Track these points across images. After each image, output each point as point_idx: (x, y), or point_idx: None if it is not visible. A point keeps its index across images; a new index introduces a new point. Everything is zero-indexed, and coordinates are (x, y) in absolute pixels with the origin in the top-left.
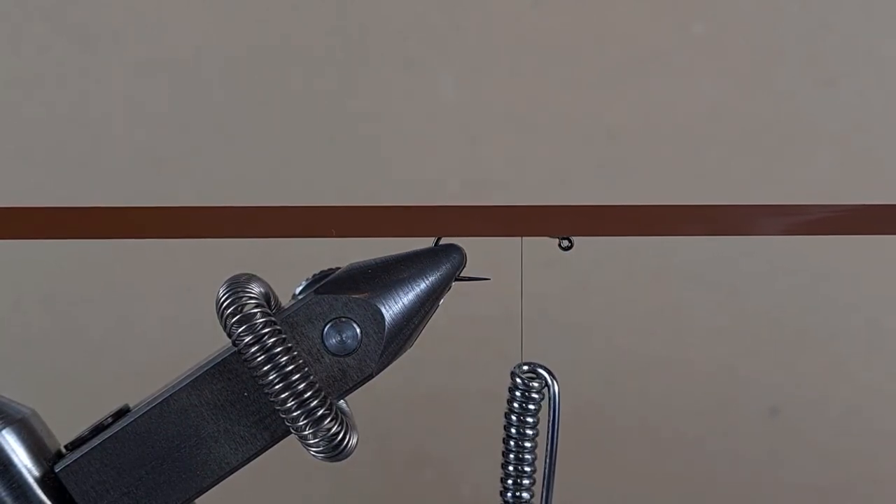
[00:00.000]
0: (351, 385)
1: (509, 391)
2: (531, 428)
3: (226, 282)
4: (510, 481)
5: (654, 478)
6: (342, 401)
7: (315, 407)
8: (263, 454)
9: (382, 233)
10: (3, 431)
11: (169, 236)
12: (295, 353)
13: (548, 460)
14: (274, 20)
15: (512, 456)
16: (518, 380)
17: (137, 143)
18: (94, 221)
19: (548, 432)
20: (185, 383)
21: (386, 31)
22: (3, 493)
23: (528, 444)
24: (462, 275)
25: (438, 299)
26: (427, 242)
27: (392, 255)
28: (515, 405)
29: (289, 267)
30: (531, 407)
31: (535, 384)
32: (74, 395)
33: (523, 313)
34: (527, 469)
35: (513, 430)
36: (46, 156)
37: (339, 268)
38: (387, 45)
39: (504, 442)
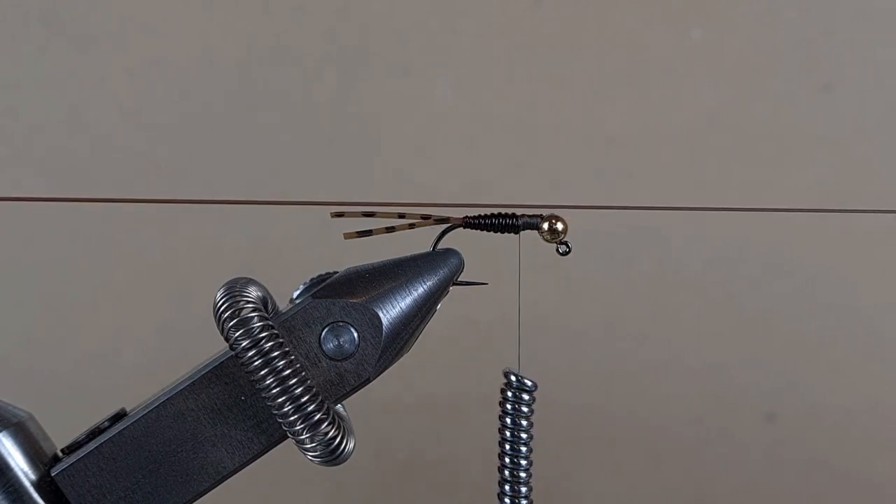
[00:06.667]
0: (348, 389)
1: (501, 393)
2: (524, 432)
3: (223, 286)
4: (507, 486)
5: (651, 483)
6: (339, 405)
7: (312, 411)
8: (260, 458)
9: None
10: (0, 435)
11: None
12: (292, 357)
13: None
14: (273, 23)
15: (507, 460)
16: (507, 391)
17: (135, 146)
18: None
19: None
20: (182, 387)
21: (385, 35)
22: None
23: (522, 449)
24: (460, 279)
25: (436, 304)
26: (425, 246)
27: (390, 259)
28: (508, 406)
29: (286, 271)
30: (524, 410)
31: (525, 395)
32: (71, 399)
33: (521, 318)
34: (522, 474)
35: (507, 434)
36: (44, 159)
37: (336, 272)
38: (386, 49)
39: (499, 445)
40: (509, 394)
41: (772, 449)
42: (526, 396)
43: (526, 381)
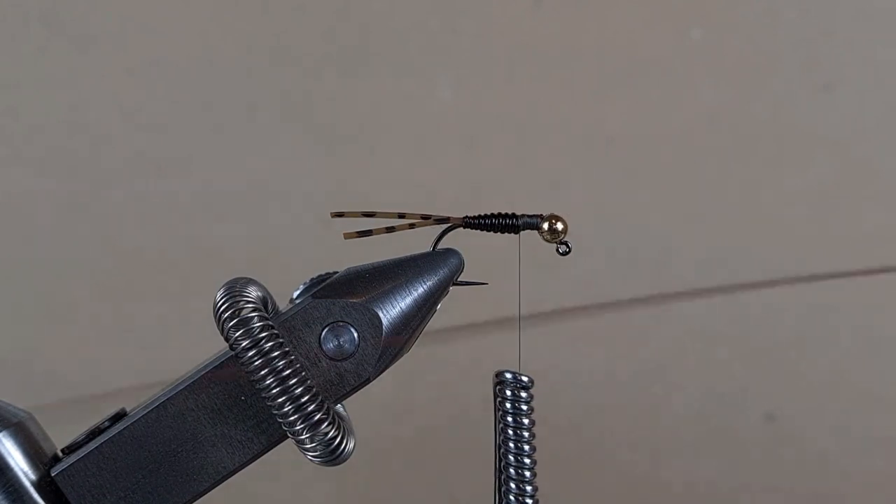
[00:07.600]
0: (348, 389)
1: (499, 394)
2: (526, 430)
3: (223, 286)
4: (512, 484)
5: (651, 483)
6: (339, 405)
7: (312, 411)
8: (260, 458)
9: None
10: (0, 435)
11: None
12: (292, 357)
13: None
14: (273, 23)
15: (511, 458)
16: (505, 390)
17: (135, 145)
18: None
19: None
20: (182, 387)
21: (385, 35)
22: None
23: (525, 448)
24: (460, 279)
25: (436, 304)
26: (425, 246)
27: (390, 259)
28: (507, 406)
29: (286, 271)
30: (523, 408)
31: (523, 393)
32: (71, 399)
33: (521, 318)
34: (527, 474)
35: (510, 432)
36: (44, 159)
37: (336, 272)
38: (386, 49)
39: (502, 445)
40: (508, 392)
41: (771, 449)
42: (524, 394)
43: (522, 377)
